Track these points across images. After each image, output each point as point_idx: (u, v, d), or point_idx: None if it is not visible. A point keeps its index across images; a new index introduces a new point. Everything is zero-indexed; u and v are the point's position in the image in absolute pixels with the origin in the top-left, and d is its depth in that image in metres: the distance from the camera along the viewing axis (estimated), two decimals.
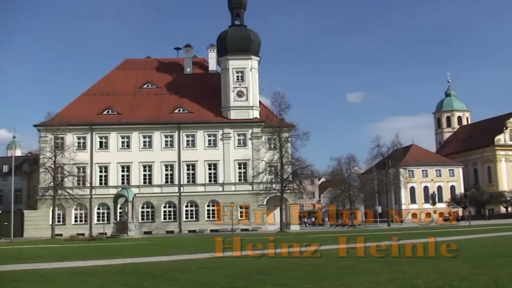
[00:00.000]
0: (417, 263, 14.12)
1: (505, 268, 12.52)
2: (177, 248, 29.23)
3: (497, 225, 44.75)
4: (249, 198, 68.96)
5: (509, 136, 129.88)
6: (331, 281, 11.85)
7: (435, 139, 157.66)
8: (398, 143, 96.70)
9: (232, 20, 76.56)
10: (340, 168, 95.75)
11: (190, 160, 70.42)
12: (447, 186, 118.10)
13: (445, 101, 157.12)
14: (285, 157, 66.70)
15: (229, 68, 73.23)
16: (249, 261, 18.65)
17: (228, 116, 72.13)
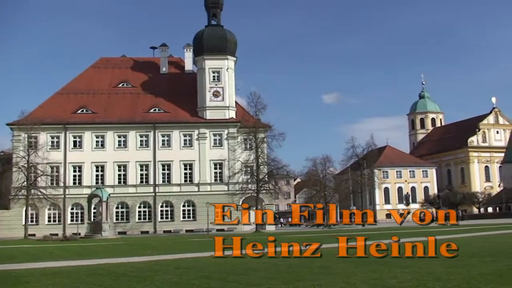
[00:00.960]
0: (391, 263, 14.23)
1: (478, 268, 12.69)
2: (152, 249, 29.03)
3: (470, 226, 45.41)
4: (224, 198, 68.77)
5: (481, 137, 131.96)
6: (307, 281, 11.89)
7: (409, 140, 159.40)
8: (372, 144, 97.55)
9: (209, 20, 76.42)
10: (315, 168, 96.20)
11: (165, 160, 70.11)
12: (421, 187, 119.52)
13: (419, 103, 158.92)
14: (261, 158, 66.76)
15: (205, 68, 73.07)
16: (226, 261, 18.61)
17: (204, 116, 71.97)
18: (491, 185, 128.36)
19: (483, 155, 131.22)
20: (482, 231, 33.26)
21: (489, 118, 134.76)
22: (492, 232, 31.31)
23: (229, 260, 18.83)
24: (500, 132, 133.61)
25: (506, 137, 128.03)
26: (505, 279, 10.99)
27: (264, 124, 69.75)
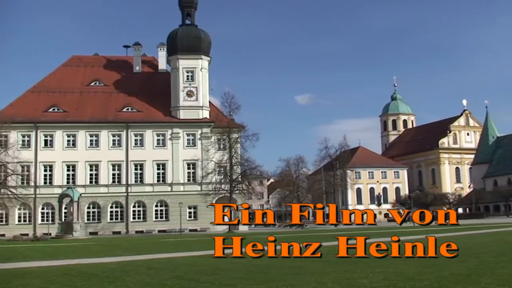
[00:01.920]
0: (363, 263, 14.34)
1: (448, 269, 12.85)
2: (124, 249, 28.83)
3: (440, 226, 45.95)
4: (198, 198, 68.68)
5: (452, 139, 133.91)
6: (279, 281, 11.91)
7: (381, 141, 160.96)
8: (345, 145, 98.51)
9: (183, 19, 76.12)
10: (288, 169, 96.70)
11: (138, 160, 69.65)
12: (392, 188, 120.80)
13: (391, 104, 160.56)
14: (235, 158, 66.79)
15: (179, 67, 72.77)
16: (198, 261, 18.57)
17: (178, 115, 71.67)
18: (462, 186, 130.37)
19: (454, 156, 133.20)
20: (452, 232, 33.74)
21: (460, 120, 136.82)
22: (464, 233, 31.81)
23: (202, 260, 18.83)
24: (471, 134, 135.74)
25: (476, 139, 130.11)
26: (473, 278, 11.16)
27: (237, 124, 69.75)
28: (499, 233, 31.71)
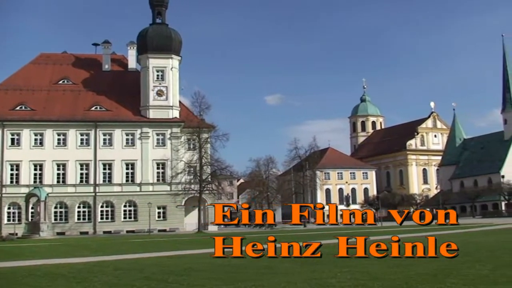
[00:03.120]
0: (332, 263, 14.44)
1: (415, 268, 13.01)
2: (91, 250, 28.51)
3: (408, 226, 46.59)
4: (167, 198, 68.32)
5: (420, 141, 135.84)
6: (249, 281, 11.91)
7: (350, 142, 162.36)
8: (315, 146, 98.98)
9: (153, 18, 75.54)
10: (258, 169, 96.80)
11: (106, 159, 68.92)
12: (361, 188, 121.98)
13: (360, 106, 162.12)
14: (205, 158, 66.65)
15: (149, 66, 72.24)
16: (167, 262, 18.47)
17: (147, 115, 71.15)
18: (429, 187, 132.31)
19: (421, 158, 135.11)
20: (418, 232, 34.19)
21: (428, 122, 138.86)
22: (431, 233, 32.21)
23: (171, 261, 18.73)
24: (438, 136, 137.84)
25: (443, 141, 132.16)
26: (440, 278, 11.32)
27: (208, 124, 69.61)
28: (464, 234, 32.24)
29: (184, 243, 34.21)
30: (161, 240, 40.69)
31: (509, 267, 12.35)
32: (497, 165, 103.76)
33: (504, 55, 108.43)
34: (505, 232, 30.81)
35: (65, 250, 28.99)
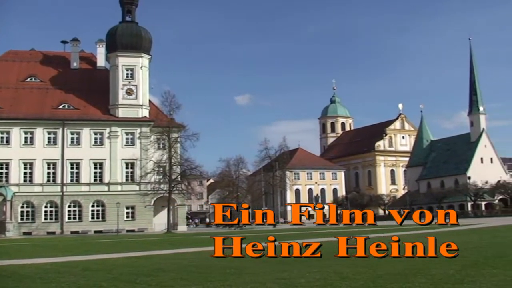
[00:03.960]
0: (301, 263, 14.49)
1: (383, 268, 13.13)
2: (58, 250, 28.12)
3: (377, 227, 47.04)
4: (136, 198, 67.79)
5: (388, 142, 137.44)
6: (217, 282, 11.88)
7: (320, 143, 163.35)
8: (285, 147, 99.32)
9: (123, 16, 74.86)
10: (228, 169, 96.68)
11: (74, 159, 68.02)
12: (330, 189, 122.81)
13: (330, 107, 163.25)
14: (174, 158, 66.31)
15: (119, 65, 71.55)
16: (135, 262, 18.32)
17: (116, 114, 70.45)
18: (396, 188, 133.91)
19: (389, 159, 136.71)
20: (388, 232, 34.58)
21: (396, 123, 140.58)
22: (399, 233, 32.59)
23: (139, 261, 18.57)
24: (406, 137, 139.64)
25: (411, 142, 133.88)
26: (408, 278, 11.44)
27: (178, 123, 69.28)
28: (431, 234, 32.66)
29: (153, 243, 33.98)
30: (130, 240, 40.35)
31: (475, 267, 12.56)
32: (464, 167, 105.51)
33: (471, 58, 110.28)
34: (471, 232, 31.35)
35: (31, 250, 28.54)
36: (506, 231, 30.53)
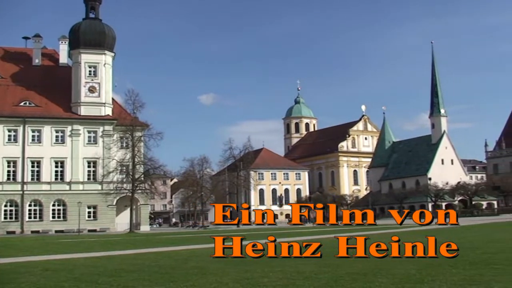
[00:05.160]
0: (264, 263, 14.55)
1: (344, 268, 13.29)
2: (18, 249, 27.60)
3: (339, 227, 47.55)
4: (98, 197, 66.96)
5: (351, 143, 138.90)
6: (180, 282, 11.85)
7: (284, 143, 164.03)
8: (249, 147, 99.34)
9: (87, 13, 73.78)
10: (192, 169, 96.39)
11: (35, 157, 66.78)
12: (294, 189, 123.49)
13: (295, 108, 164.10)
14: (137, 157, 65.81)
15: (81, 62, 70.53)
16: (97, 262, 18.12)
17: (78, 112, 69.46)
18: (359, 188, 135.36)
19: (352, 159, 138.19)
20: (352, 232, 34.96)
21: (359, 125, 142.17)
22: (359, 233, 33.00)
23: (100, 262, 18.37)
24: (368, 139, 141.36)
25: (373, 143, 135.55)
26: (369, 277, 11.61)
27: (141, 122, 68.76)
28: (391, 234, 33.15)
29: (115, 243, 33.64)
30: (91, 240, 39.85)
31: (434, 267, 12.80)
32: (425, 168, 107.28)
33: (433, 61, 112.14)
34: (431, 232, 31.92)
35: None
36: (465, 232, 31.21)
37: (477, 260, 13.38)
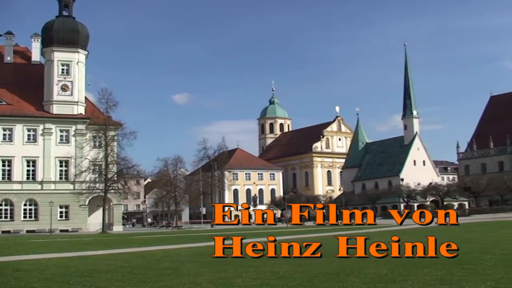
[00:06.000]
0: (238, 263, 14.56)
1: (318, 268, 13.36)
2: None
3: (312, 227, 47.83)
4: (70, 197, 66.24)
5: (325, 144, 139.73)
6: (153, 282, 11.80)
7: (259, 144, 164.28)
8: (224, 147, 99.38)
9: (60, 10, 72.98)
10: (166, 169, 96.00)
11: (6, 156, 65.84)
12: (268, 189, 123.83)
13: (269, 108, 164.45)
14: (111, 156, 65.33)
15: (54, 60, 69.72)
16: (69, 263, 17.92)
17: (51, 110, 68.64)
18: (332, 188, 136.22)
19: (326, 160, 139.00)
20: (326, 232, 35.17)
21: (333, 125, 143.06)
22: (331, 233, 33.20)
23: (72, 262, 18.18)
24: (342, 139, 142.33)
25: (347, 144, 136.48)
26: (341, 277, 11.70)
27: (114, 121, 68.26)
28: (365, 234, 33.44)
29: (87, 243, 33.30)
30: (63, 240, 39.40)
31: (406, 267, 12.94)
32: (397, 169, 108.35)
33: (406, 63, 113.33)
34: (403, 232, 32.28)
35: None
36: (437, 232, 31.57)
37: (448, 260, 13.55)
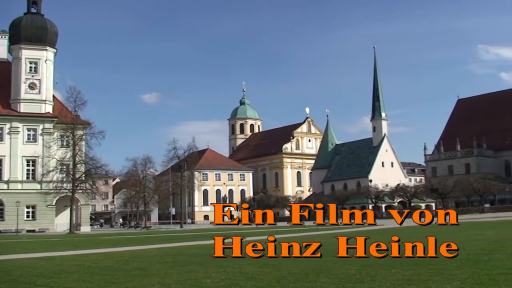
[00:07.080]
0: (208, 264, 14.54)
1: (286, 268, 13.40)
2: None
3: (282, 227, 48.00)
4: (37, 197, 65.26)
5: (295, 145, 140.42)
6: (121, 283, 11.69)
7: (229, 144, 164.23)
8: (194, 147, 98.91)
9: (28, 7, 71.86)
10: (135, 169, 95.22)
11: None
12: (238, 190, 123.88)
13: (240, 109, 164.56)
14: (79, 156, 64.59)
15: (22, 57, 68.64)
16: (36, 263, 17.65)
17: (18, 109, 67.54)
18: (302, 189, 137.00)
19: (296, 161, 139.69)
20: (291, 233, 35.33)
21: (303, 127, 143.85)
22: (302, 234, 33.39)
23: (39, 263, 17.91)
24: (312, 141, 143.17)
25: (317, 145, 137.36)
26: (311, 277, 11.75)
27: (83, 120, 67.52)
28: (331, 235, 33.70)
29: (55, 244, 32.85)
30: (30, 241, 38.79)
31: (374, 267, 13.06)
32: (366, 170, 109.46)
33: (375, 66, 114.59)
34: (371, 233, 32.61)
35: None
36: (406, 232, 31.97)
37: (415, 261, 13.72)
